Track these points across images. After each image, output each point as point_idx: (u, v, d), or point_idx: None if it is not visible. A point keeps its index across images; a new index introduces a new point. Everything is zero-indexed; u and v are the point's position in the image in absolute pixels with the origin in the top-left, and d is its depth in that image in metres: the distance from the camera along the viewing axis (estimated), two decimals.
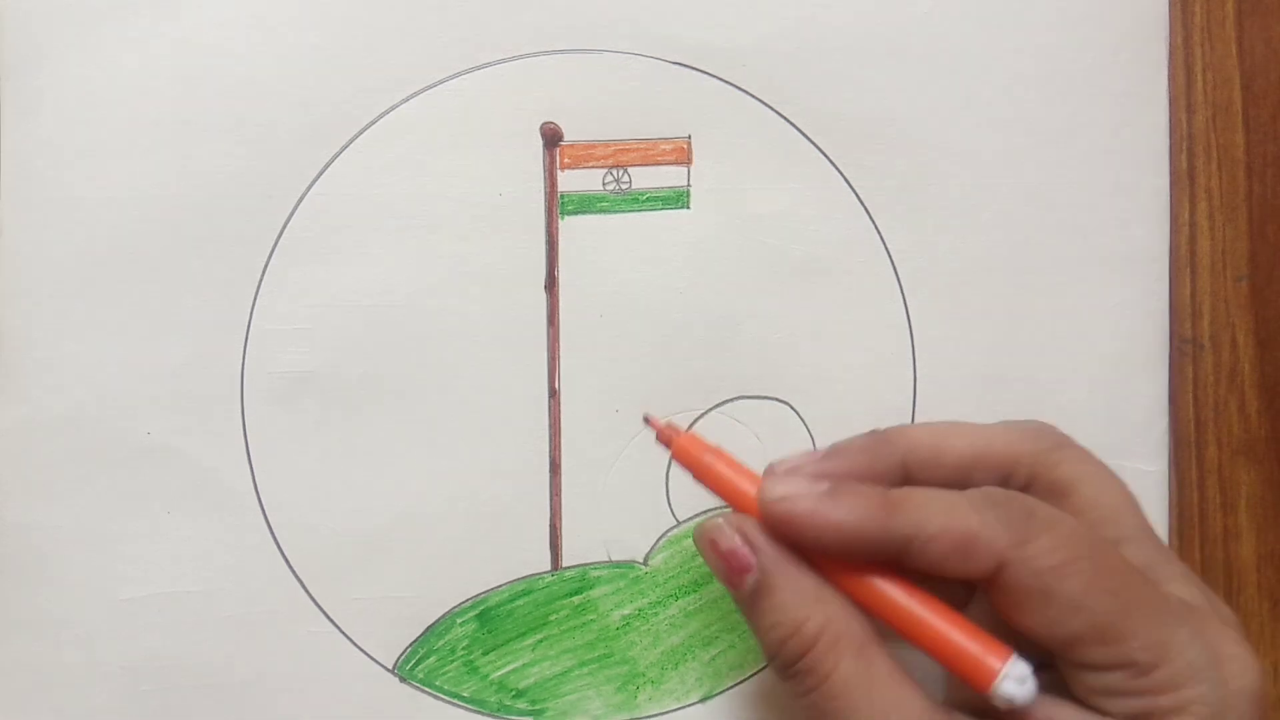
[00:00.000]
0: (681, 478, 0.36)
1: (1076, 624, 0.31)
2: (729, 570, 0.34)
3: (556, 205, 0.43)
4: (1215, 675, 0.30)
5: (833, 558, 0.33)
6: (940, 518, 0.32)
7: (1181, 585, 0.33)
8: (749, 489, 0.34)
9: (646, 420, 0.36)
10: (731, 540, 0.34)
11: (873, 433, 0.36)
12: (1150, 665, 0.30)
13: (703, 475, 0.35)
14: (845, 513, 0.32)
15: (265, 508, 0.42)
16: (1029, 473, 0.35)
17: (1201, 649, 0.31)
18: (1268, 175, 0.45)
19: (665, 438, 0.35)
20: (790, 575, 0.33)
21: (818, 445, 0.43)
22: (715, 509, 0.43)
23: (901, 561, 0.32)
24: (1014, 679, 0.31)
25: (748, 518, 0.34)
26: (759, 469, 0.35)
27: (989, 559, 0.31)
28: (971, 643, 0.32)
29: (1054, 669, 0.33)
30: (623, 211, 0.43)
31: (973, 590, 0.35)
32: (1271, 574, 0.45)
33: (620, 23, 0.43)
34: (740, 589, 0.34)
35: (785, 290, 0.43)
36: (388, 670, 0.42)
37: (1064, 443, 0.36)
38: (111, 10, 0.41)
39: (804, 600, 0.33)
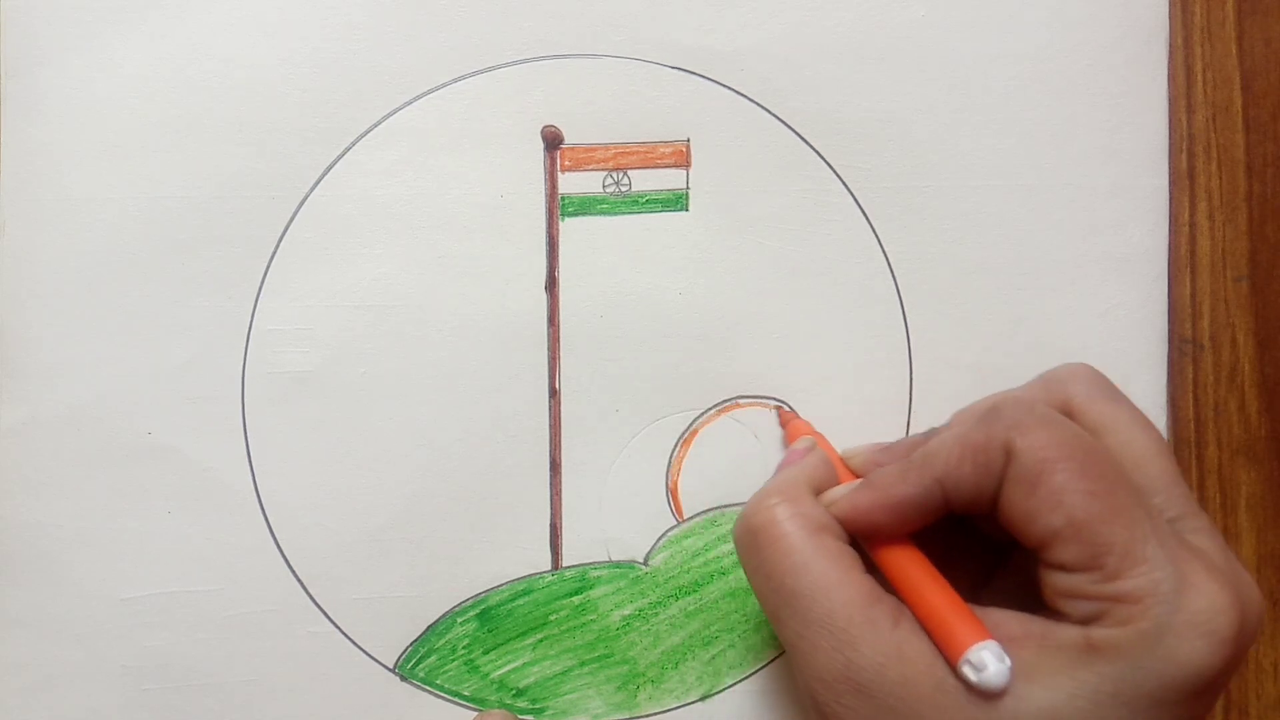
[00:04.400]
0: (684, 478, 0.37)
1: (1056, 518, 0.32)
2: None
3: (557, 207, 0.43)
4: (1174, 600, 0.31)
5: (891, 531, 0.36)
6: (953, 446, 0.34)
7: (1204, 538, 0.34)
8: None
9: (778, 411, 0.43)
10: (798, 446, 0.41)
11: (929, 431, 0.39)
12: (1116, 572, 0.31)
13: None
14: (876, 496, 0.35)
15: (265, 508, 0.42)
16: (1070, 417, 0.36)
17: (1171, 572, 0.31)
18: (1268, 175, 0.45)
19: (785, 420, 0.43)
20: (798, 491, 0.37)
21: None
22: (716, 509, 0.43)
23: (955, 508, 0.34)
24: (971, 665, 0.32)
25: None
26: (758, 468, 0.40)
27: (999, 454, 0.33)
28: (953, 619, 0.33)
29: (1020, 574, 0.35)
30: (622, 213, 0.43)
31: (995, 565, 0.38)
32: (1271, 574, 0.45)
33: (620, 28, 0.43)
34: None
35: (783, 291, 0.43)
36: (388, 669, 0.42)
37: (1096, 388, 0.37)
38: (114, 12, 0.42)
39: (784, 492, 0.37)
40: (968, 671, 0.32)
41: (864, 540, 0.37)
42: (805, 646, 0.34)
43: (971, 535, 0.38)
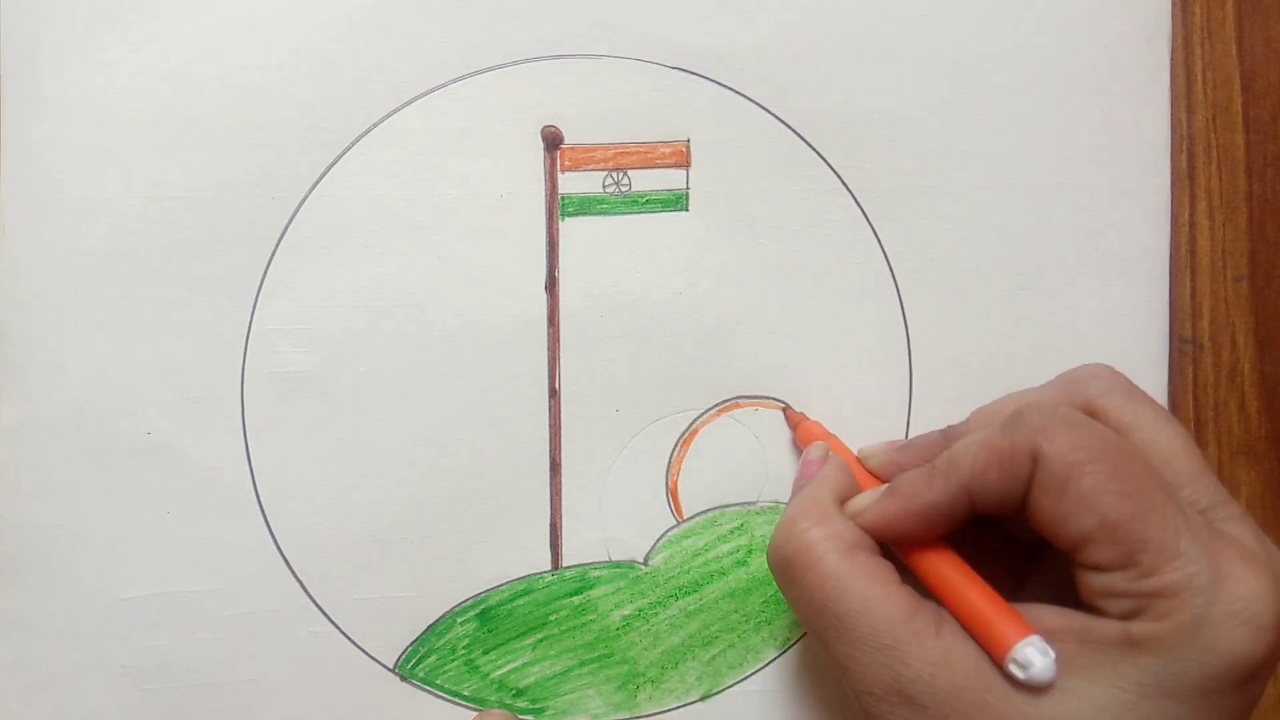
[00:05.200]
0: (684, 478, 0.37)
1: (1088, 521, 0.32)
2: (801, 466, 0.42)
3: (557, 207, 0.43)
4: (1212, 591, 0.31)
5: (920, 537, 0.36)
6: (978, 452, 0.34)
7: (1237, 525, 0.34)
8: None
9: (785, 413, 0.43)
10: (812, 455, 0.41)
11: (946, 429, 0.39)
12: (1152, 569, 0.31)
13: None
14: (902, 504, 0.35)
15: (265, 508, 0.42)
16: (1093, 416, 0.36)
17: (1207, 564, 0.31)
18: (1268, 175, 0.45)
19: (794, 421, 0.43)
20: (820, 502, 0.37)
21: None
22: (716, 509, 0.43)
23: (981, 512, 0.35)
24: (1017, 663, 0.32)
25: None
26: (757, 468, 0.40)
27: (1026, 461, 0.33)
28: (994, 617, 0.34)
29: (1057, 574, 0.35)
30: (622, 213, 0.43)
31: (1028, 564, 0.38)
32: None
33: (620, 28, 0.43)
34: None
35: (783, 291, 0.43)
36: (388, 669, 0.42)
37: (1117, 387, 0.37)
38: (114, 12, 0.42)
39: (810, 513, 0.37)
40: (1014, 669, 0.32)
41: (896, 548, 0.37)
42: (853, 665, 0.34)
43: (1000, 535, 0.38)
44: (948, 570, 0.35)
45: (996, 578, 0.36)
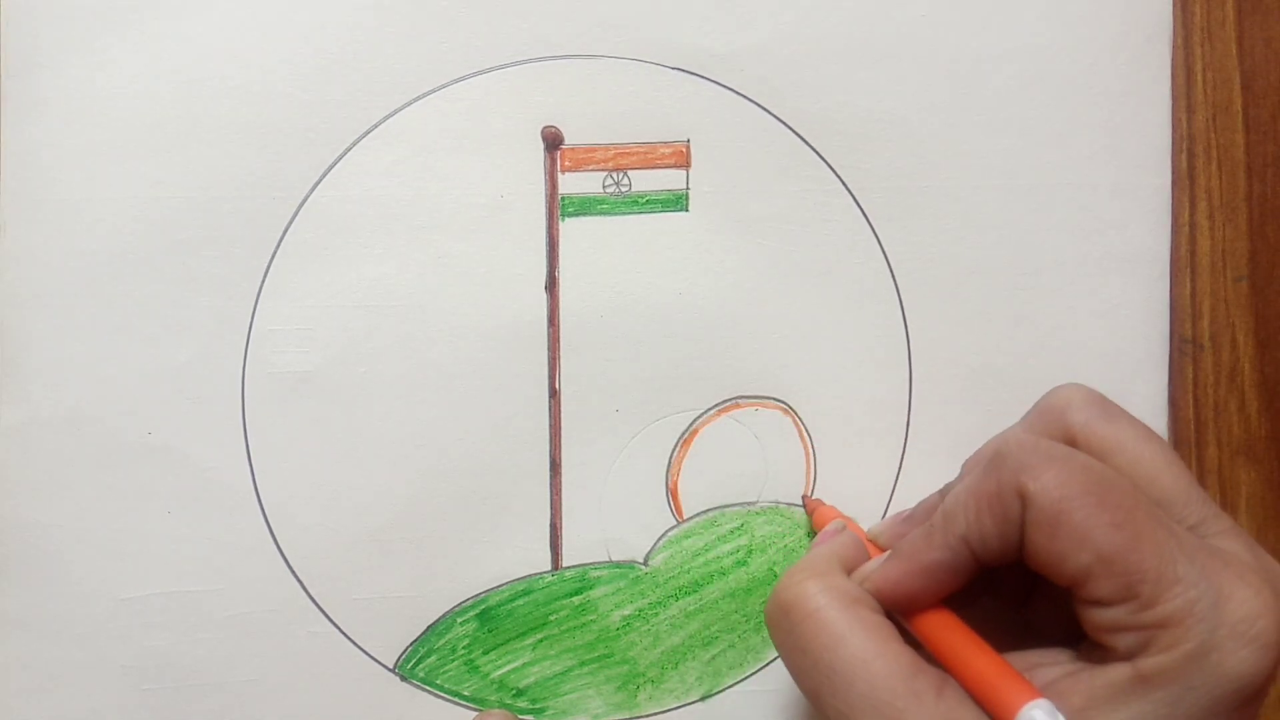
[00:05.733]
0: (684, 478, 0.36)
1: (1084, 557, 0.31)
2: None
3: (557, 207, 0.43)
4: (1214, 615, 0.31)
5: (927, 599, 0.35)
6: (968, 500, 0.33)
7: (1229, 539, 0.34)
8: None
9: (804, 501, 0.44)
10: (829, 529, 0.40)
11: (943, 489, 0.39)
12: (1153, 599, 0.31)
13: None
14: (906, 565, 0.35)
15: (265, 508, 0.42)
16: (1073, 444, 0.36)
17: (1206, 588, 0.31)
18: (1268, 175, 0.45)
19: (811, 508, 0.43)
20: (825, 565, 0.37)
21: (814, 446, 0.43)
22: (716, 509, 0.43)
23: (987, 563, 0.34)
24: None
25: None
26: (757, 468, 0.40)
27: (1014, 501, 0.32)
28: (999, 682, 0.32)
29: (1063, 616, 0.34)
30: (622, 214, 0.43)
31: (1030, 589, 0.38)
32: None
33: (620, 28, 0.43)
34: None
35: (783, 291, 0.43)
36: (388, 669, 0.42)
37: (1094, 409, 0.36)
38: (114, 12, 0.42)
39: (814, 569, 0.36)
40: None
41: (899, 613, 0.36)
42: None
43: (998, 575, 0.37)
44: (950, 633, 0.34)
45: (998, 606, 0.36)
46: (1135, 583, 0.31)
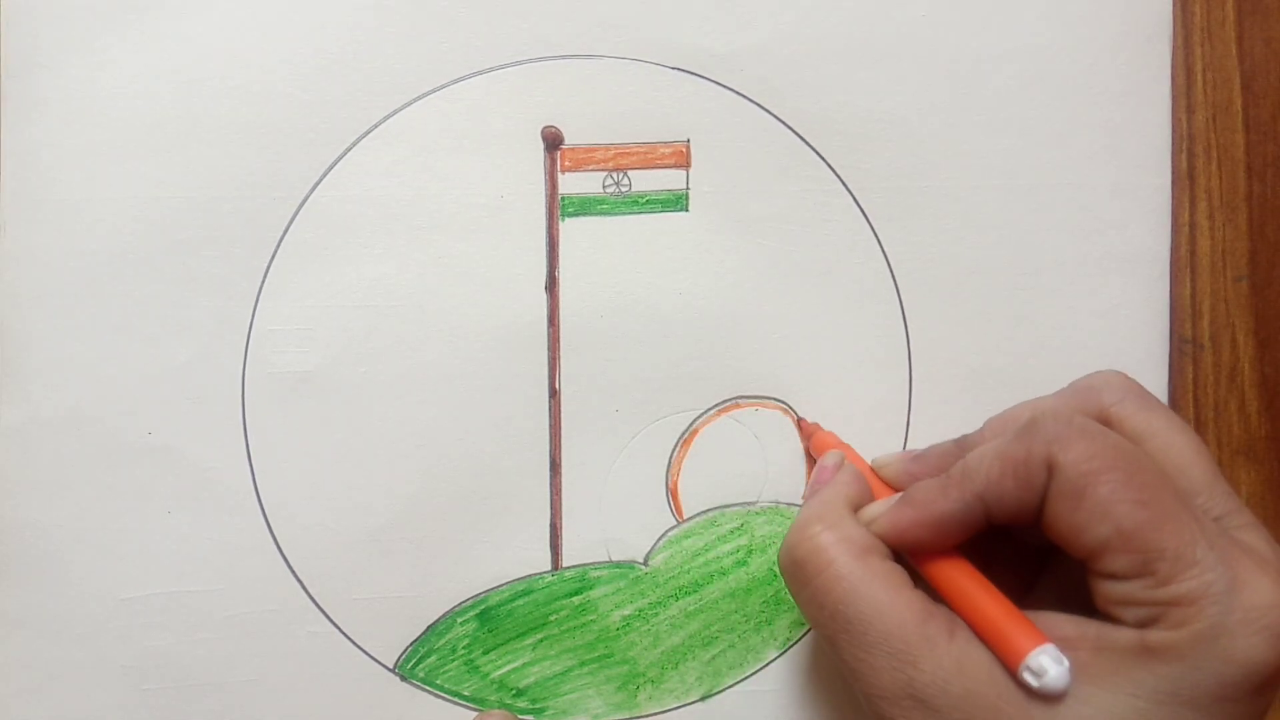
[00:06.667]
0: (684, 478, 0.36)
1: (1104, 530, 0.32)
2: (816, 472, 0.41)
3: (557, 207, 0.43)
4: (1228, 600, 0.31)
5: (934, 546, 0.36)
6: (993, 461, 0.34)
7: (1251, 533, 0.34)
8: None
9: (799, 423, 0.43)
10: (827, 462, 0.41)
11: (959, 439, 0.39)
12: (1169, 577, 0.31)
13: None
14: (916, 513, 0.35)
15: (265, 508, 0.42)
16: (1107, 425, 0.36)
17: (1223, 573, 0.31)
18: (1268, 175, 0.45)
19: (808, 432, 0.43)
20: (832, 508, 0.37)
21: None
22: (716, 509, 0.43)
23: (996, 521, 0.35)
24: (1031, 671, 0.32)
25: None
26: (757, 468, 0.40)
27: (1041, 470, 0.33)
28: (1008, 626, 0.33)
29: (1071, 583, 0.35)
30: (622, 214, 0.43)
31: (1038, 569, 0.38)
32: None
33: (620, 28, 0.43)
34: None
35: (783, 291, 0.43)
36: (388, 669, 0.42)
37: (1130, 394, 0.37)
38: (114, 12, 0.42)
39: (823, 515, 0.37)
40: (1028, 677, 0.32)
41: (909, 555, 0.37)
42: (865, 669, 0.34)
43: (1011, 541, 0.38)
44: (961, 578, 0.35)
45: (1006, 583, 0.36)
46: (1153, 560, 0.31)
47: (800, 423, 0.43)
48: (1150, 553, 0.31)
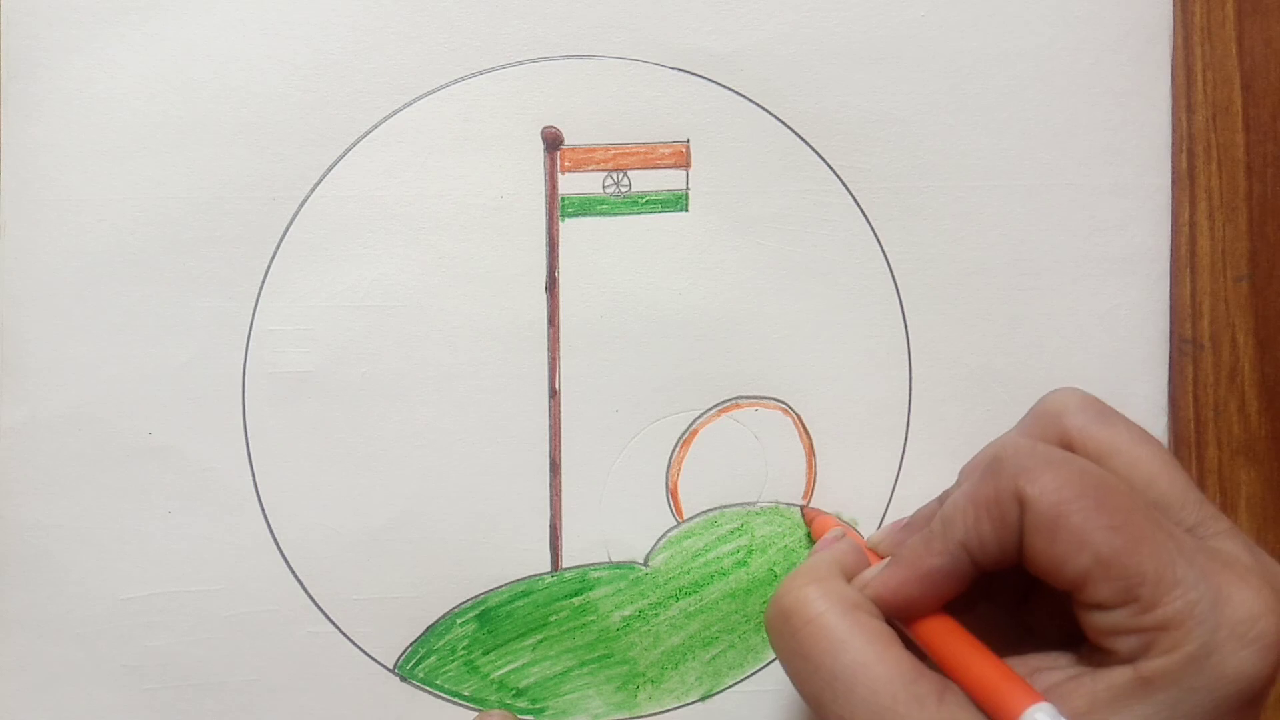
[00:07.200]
0: (684, 478, 0.36)
1: (1083, 560, 0.31)
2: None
3: (557, 207, 0.43)
4: (1214, 616, 0.31)
5: (927, 605, 0.35)
6: (966, 505, 0.33)
7: (1227, 540, 0.33)
8: None
9: (802, 511, 0.44)
10: (828, 537, 0.40)
11: (942, 494, 0.38)
12: (1152, 601, 0.31)
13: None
14: (905, 571, 0.35)
15: (265, 508, 0.42)
16: (1070, 448, 0.36)
17: (1206, 590, 0.31)
18: (1268, 175, 0.45)
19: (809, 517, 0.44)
20: (826, 575, 0.36)
21: (815, 446, 0.43)
22: (716, 509, 0.43)
23: (986, 568, 0.34)
24: None
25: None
26: (757, 468, 0.40)
27: (1013, 505, 0.32)
28: (1000, 686, 0.32)
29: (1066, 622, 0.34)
30: (622, 214, 0.43)
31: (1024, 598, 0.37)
32: None
33: (620, 28, 0.43)
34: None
35: (783, 292, 0.43)
36: (388, 670, 0.42)
37: (1090, 412, 0.36)
38: (114, 13, 0.42)
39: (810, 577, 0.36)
40: None
41: (900, 619, 0.36)
42: None
43: (996, 580, 0.37)
44: (950, 638, 0.34)
45: (995, 617, 0.36)
46: (1134, 585, 0.31)
47: (804, 510, 0.44)
48: (1131, 578, 0.31)
